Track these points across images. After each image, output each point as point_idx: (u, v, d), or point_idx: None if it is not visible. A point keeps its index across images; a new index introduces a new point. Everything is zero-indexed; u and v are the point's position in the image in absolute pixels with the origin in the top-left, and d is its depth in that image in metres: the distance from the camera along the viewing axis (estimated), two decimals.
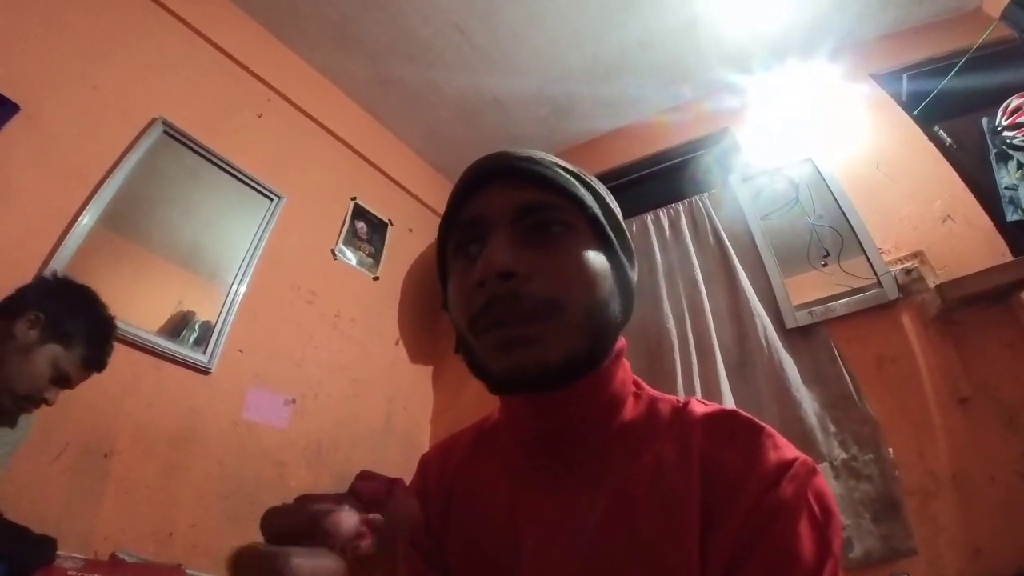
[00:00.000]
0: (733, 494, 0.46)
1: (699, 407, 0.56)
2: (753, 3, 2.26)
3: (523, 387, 0.51)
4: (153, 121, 1.91)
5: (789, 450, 0.49)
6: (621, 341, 0.58)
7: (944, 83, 2.02)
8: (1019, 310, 1.74)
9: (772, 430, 0.51)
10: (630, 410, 0.56)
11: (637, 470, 0.52)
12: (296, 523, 0.32)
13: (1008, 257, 1.80)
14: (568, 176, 0.57)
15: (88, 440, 1.55)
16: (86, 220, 1.68)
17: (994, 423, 1.68)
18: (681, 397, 0.58)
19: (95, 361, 1.27)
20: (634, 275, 0.60)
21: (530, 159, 0.57)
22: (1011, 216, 1.84)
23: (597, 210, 0.56)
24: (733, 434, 0.51)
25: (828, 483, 0.50)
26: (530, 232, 0.53)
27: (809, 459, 0.49)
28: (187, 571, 1.57)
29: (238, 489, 1.87)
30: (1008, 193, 1.85)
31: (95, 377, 1.54)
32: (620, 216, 0.61)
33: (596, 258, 0.53)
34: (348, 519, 0.33)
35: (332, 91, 2.68)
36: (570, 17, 2.30)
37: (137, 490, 1.61)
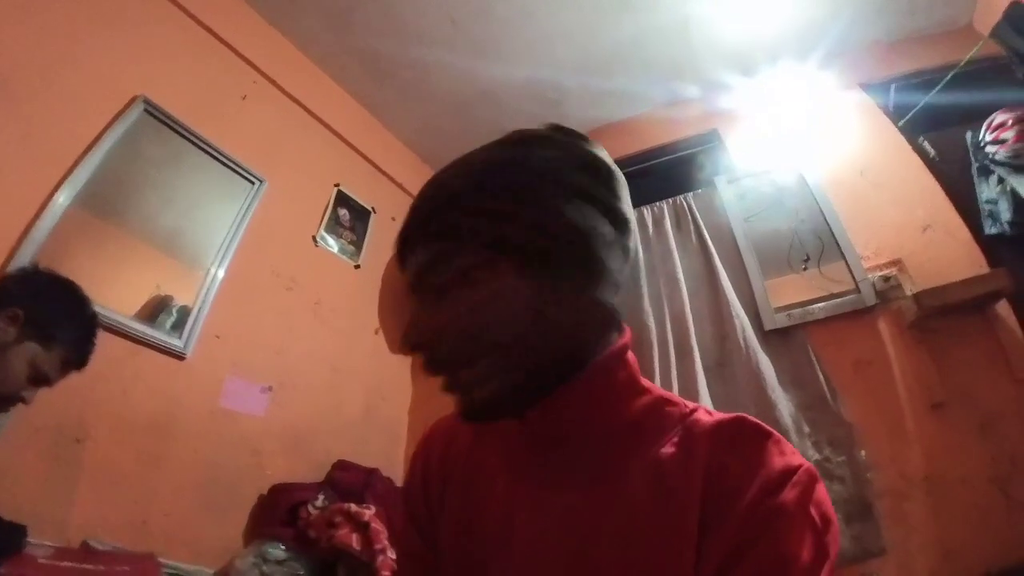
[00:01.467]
0: (733, 496, 0.46)
1: (705, 414, 0.55)
2: (747, 6, 2.27)
3: (480, 421, 0.54)
4: (134, 99, 1.84)
5: (794, 457, 0.48)
6: (622, 339, 0.57)
7: (931, 96, 2.05)
8: (994, 321, 1.79)
9: (779, 436, 0.51)
10: (635, 410, 0.55)
11: (637, 470, 0.51)
12: None
13: (985, 269, 1.85)
14: (484, 203, 0.52)
15: (61, 425, 1.50)
16: (62, 199, 1.61)
17: (966, 429, 1.73)
18: (689, 403, 0.57)
19: (76, 361, 1.23)
20: (616, 271, 0.54)
21: (435, 201, 0.55)
22: (989, 229, 1.88)
23: (520, 234, 0.51)
24: (739, 439, 0.51)
25: None
26: (429, 292, 0.53)
27: (812, 467, 0.48)
28: (161, 560, 1.54)
29: (215, 478, 1.83)
30: (988, 207, 1.89)
31: None
32: (579, 214, 0.52)
33: (516, 297, 0.51)
34: None
35: (320, 76, 2.62)
36: (564, 12, 2.28)
37: (111, 477, 1.57)
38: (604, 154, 0.59)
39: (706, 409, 0.56)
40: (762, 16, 2.30)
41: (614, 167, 0.58)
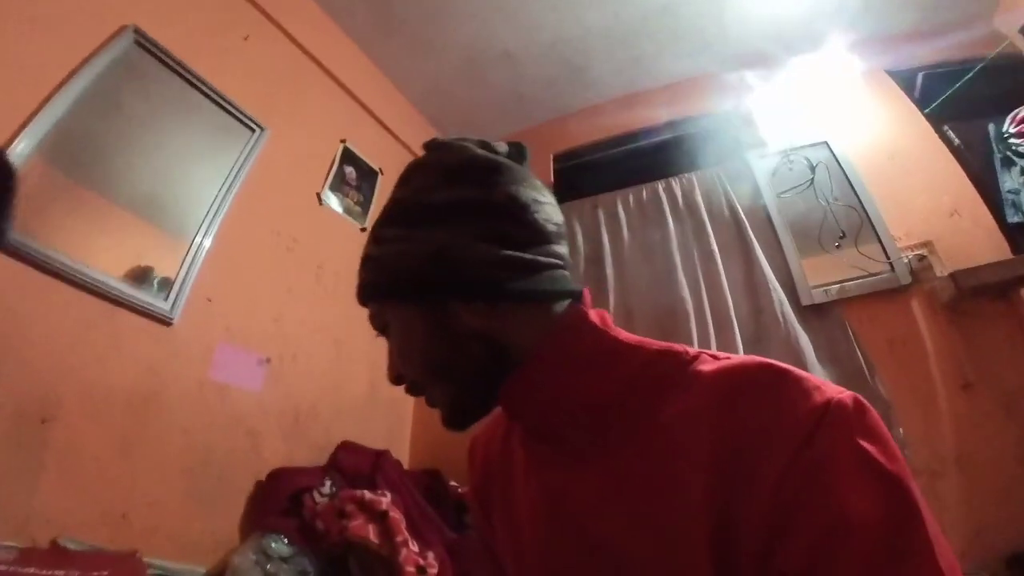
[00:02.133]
0: (758, 454, 0.40)
1: (710, 359, 0.50)
2: None
3: (458, 429, 0.59)
4: (123, 29, 1.60)
5: (819, 392, 0.42)
6: (573, 308, 0.56)
7: (956, 87, 2.11)
8: (1018, 305, 1.86)
9: (799, 372, 0.45)
10: (624, 371, 0.52)
11: (641, 435, 0.48)
12: None
13: (1008, 255, 1.91)
14: (381, 263, 0.58)
15: (23, 402, 1.26)
16: (23, 145, 1.33)
17: (995, 409, 1.79)
18: (691, 350, 0.52)
19: None
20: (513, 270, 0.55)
21: (364, 261, 0.61)
22: (1012, 218, 1.97)
23: (394, 276, 0.57)
24: (749, 384, 0.45)
25: None
26: (383, 335, 0.62)
27: (848, 395, 0.42)
28: (144, 559, 1.33)
29: (205, 461, 1.62)
30: (1011, 196, 1.98)
31: (33, 325, 1.28)
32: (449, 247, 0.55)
33: (416, 330, 0.57)
34: None
35: (329, 24, 2.40)
36: None
37: (84, 463, 1.35)
38: (477, 152, 0.60)
39: (711, 353, 0.52)
40: None
41: (491, 158, 0.60)
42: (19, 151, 1.31)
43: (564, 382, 0.53)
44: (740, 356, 0.49)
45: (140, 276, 1.58)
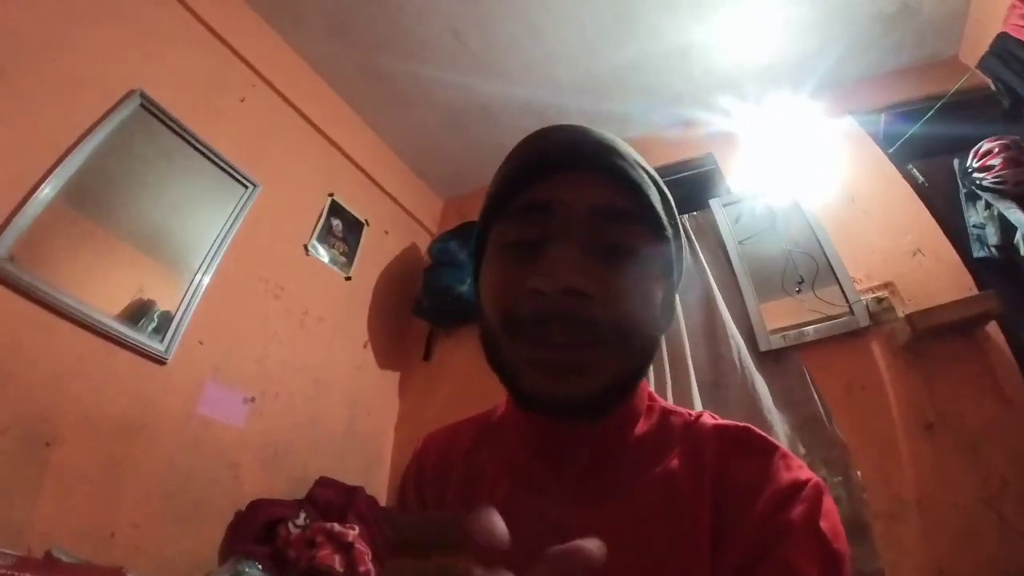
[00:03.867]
0: (744, 508, 0.46)
1: (711, 420, 0.56)
2: (743, 37, 2.35)
3: (560, 414, 0.49)
4: (131, 93, 1.80)
5: (802, 471, 0.49)
6: None
7: (919, 125, 2.11)
8: (983, 342, 1.81)
9: (786, 450, 0.51)
10: (643, 423, 0.56)
11: (646, 483, 0.51)
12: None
13: (974, 291, 1.88)
14: (646, 178, 0.52)
15: (28, 425, 1.41)
16: (47, 191, 1.54)
17: (957, 450, 1.73)
18: (692, 411, 0.58)
19: None
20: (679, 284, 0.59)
21: (612, 148, 0.52)
22: (977, 253, 1.92)
23: (666, 222, 0.52)
24: (746, 449, 0.51)
25: None
26: (601, 243, 0.48)
27: (820, 481, 0.48)
28: (128, 575, 1.42)
29: (187, 489, 1.74)
30: (976, 231, 1.94)
31: (40, 357, 1.45)
32: (678, 219, 0.58)
33: (658, 278, 0.52)
34: None
35: (319, 83, 2.61)
36: (567, 32, 2.32)
37: (78, 484, 1.48)
38: None
39: (710, 414, 0.57)
40: (758, 46, 2.38)
41: None
42: (43, 197, 1.52)
43: (622, 422, 0.55)
44: (736, 422, 0.55)
45: (142, 309, 1.76)
